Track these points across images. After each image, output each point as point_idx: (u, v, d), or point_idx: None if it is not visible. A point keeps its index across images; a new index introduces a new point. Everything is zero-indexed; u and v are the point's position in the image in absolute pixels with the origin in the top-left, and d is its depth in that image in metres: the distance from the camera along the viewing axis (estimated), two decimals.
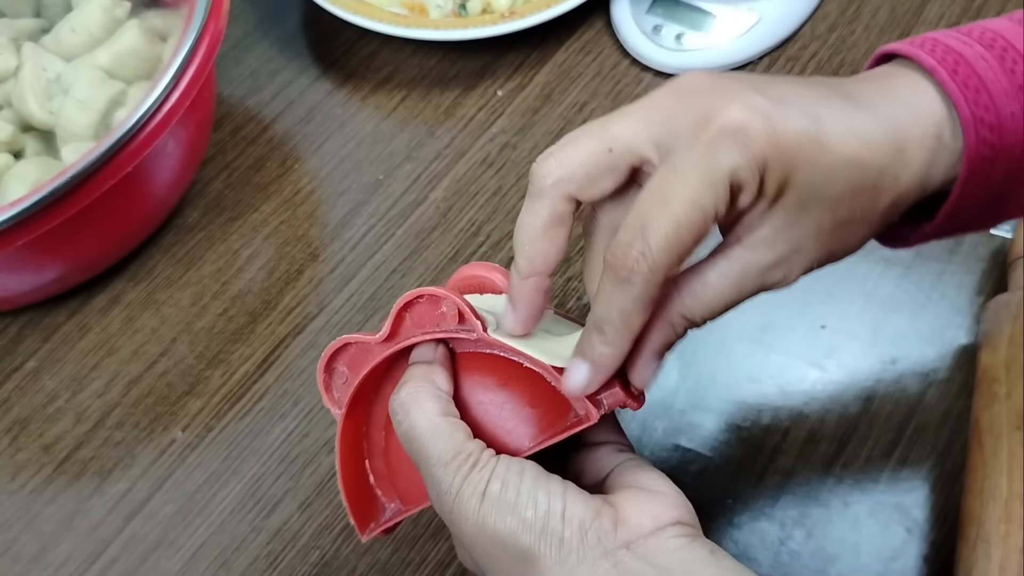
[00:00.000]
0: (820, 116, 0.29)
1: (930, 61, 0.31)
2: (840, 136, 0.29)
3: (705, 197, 0.28)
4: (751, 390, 0.49)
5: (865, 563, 0.43)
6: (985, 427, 0.43)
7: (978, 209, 0.33)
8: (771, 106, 0.29)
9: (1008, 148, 0.31)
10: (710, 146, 0.28)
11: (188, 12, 0.51)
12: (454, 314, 0.32)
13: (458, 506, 0.30)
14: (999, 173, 0.31)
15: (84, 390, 0.52)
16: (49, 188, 0.44)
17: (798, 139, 0.29)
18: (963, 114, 0.30)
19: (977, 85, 0.30)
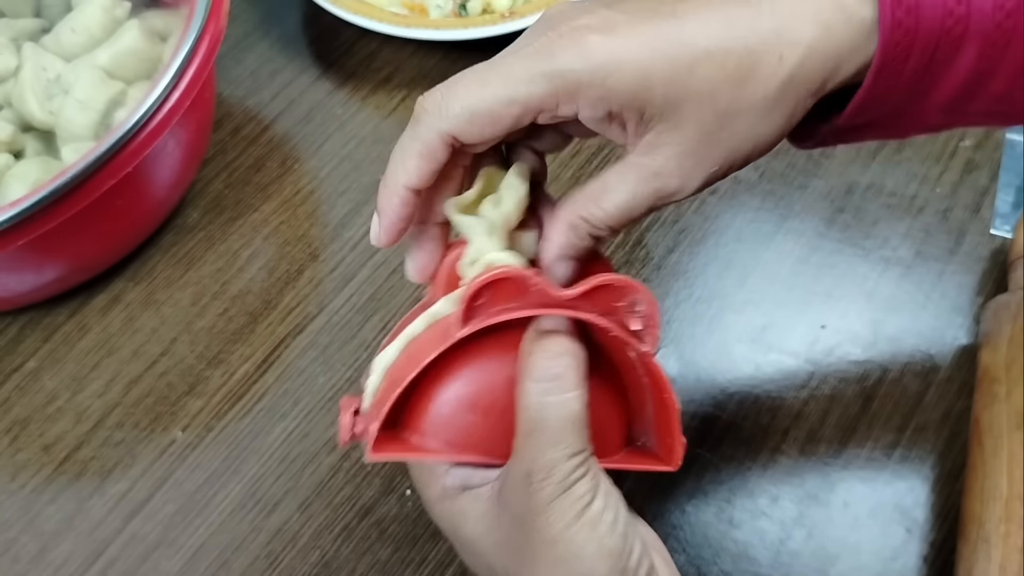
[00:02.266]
0: (674, 12, 0.30)
1: None
2: (696, 28, 0.29)
3: (517, 90, 0.30)
4: (751, 390, 0.49)
5: (865, 563, 0.43)
6: (985, 427, 0.43)
7: (895, 100, 0.31)
8: (617, 16, 0.30)
9: (929, 16, 0.29)
10: (544, 46, 0.30)
11: (188, 12, 0.51)
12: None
13: (552, 504, 0.29)
14: (920, 47, 0.29)
15: (84, 390, 0.52)
16: (49, 188, 0.44)
17: (648, 42, 0.29)
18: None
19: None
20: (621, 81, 0.29)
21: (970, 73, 0.30)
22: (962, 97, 0.31)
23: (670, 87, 0.29)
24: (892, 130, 0.33)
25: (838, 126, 0.32)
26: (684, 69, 0.29)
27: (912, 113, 0.32)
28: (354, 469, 0.48)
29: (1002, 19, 0.29)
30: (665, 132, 0.30)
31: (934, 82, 0.31)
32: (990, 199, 0.54)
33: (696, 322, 0.51)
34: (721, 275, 0.53)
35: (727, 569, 0.43)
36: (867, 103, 0.31)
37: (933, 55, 0.30)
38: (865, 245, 0.53)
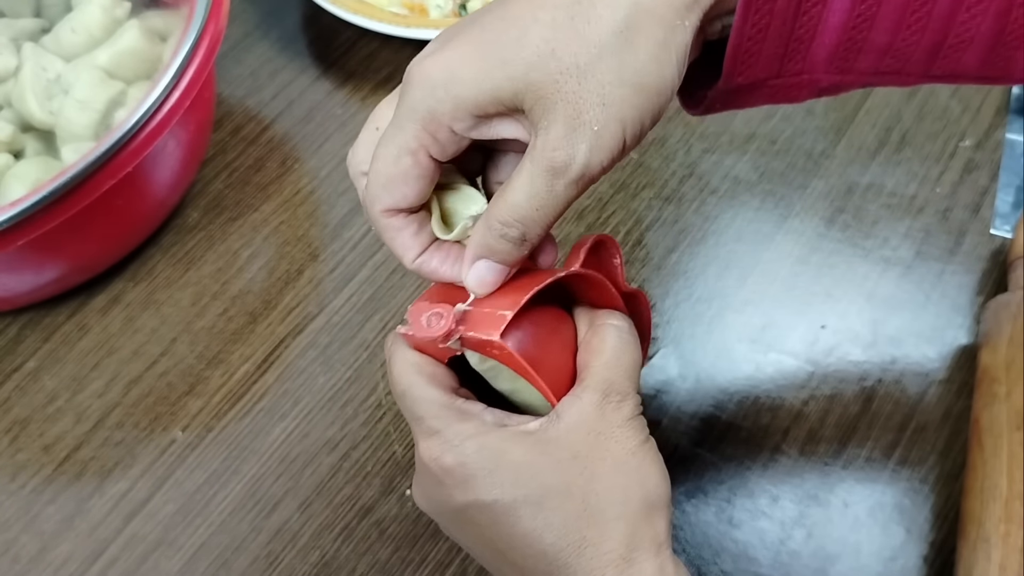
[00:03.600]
0: (503, 2, 0.30)
1: None
2: (520, 4, 0.29)
3: (402, 142, 0.31)
4: (751, 390, 0.49)
5: (865, 563, 0.43)
6: (985, 427, 0.43)
7: (774, 50, 0.30)
8: (451, 31, 0.31)
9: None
10: (402, 93, 0.31)
11: (188, 12, 0.51)
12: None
13: (629, 423, 0.32)
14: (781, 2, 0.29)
15: (84, 390, 0.52)
16: (49, 188, 0.44)
17: (477, 38, 0.30)
18: None
19: None
20: (466, 85, 0.29)
21: (847, 16, 0.29)
22: (846, 49, 0.30)
23: (508, 66, 0.29)
24: (782, 91, 0.32)
25: (724, 87, 0.31)
26: (516, 44, 0.29)
27: (796, 69, 0.31)
28: (354, 469, 0.48)
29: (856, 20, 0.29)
30: (534, 109, 0.29)
31: (812, 27, 0.30)
32: (990, 199, 0.54)
33: (696, 322, 0.51)
34: (721, 275, 0.53)
35: (727, 569, 0.43)
36: (743, 51, 0.30)
37: (788, 41, 0.30)
38: (865, 245, 0.53)
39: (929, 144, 0.56)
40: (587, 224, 0.56)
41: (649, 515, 0.31)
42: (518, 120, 0.31)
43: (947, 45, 0.30)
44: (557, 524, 0.31)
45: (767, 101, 0.33)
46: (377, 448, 0.48)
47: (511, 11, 0.30)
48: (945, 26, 0.29)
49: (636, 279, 0.53)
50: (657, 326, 0.51)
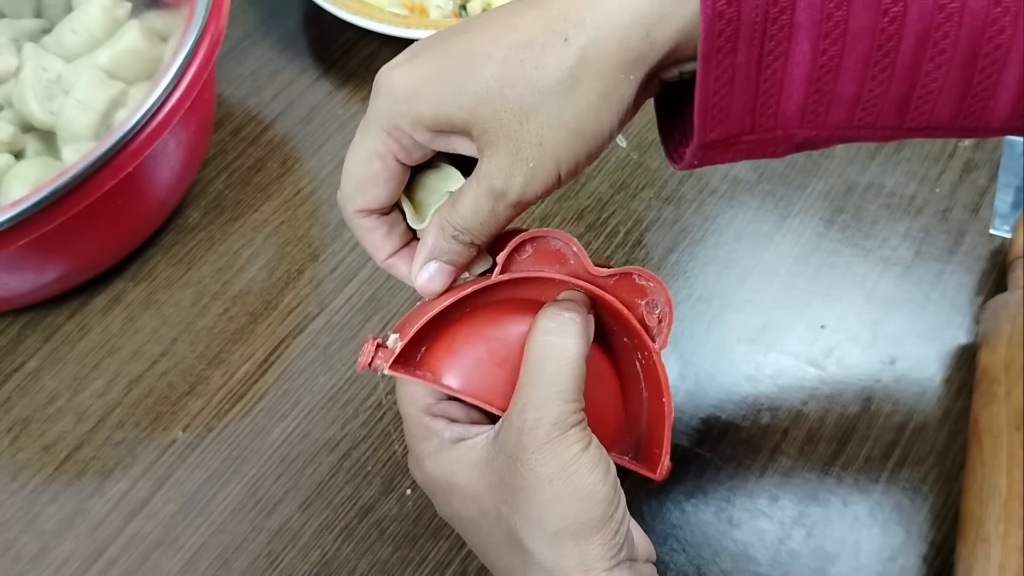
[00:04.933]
0: (467, 28, 0.32)
1: None
2: (481, 37, 0.31)
3: (370, 148, 0.33)
4: (751, 390, 0.49)
5: (865, 563, 0.43)
6: (984, 427, 0.43)
7: (742, 103, 0.30)
8: (420, 46, 0.33)
9: (749, 26, 0.29)
10: (371, 103, 0.34)
11: (188, 13, 0.51)
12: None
13: (548, 445, 0.32)
14: (746, 32, 0.29)
15: (85, 390, 0.52)
16: (50, 188, 0.44)
17: (439, 62, 0.31)
18: None
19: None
20: (424, 103, 0.31)
21: (810, 68, 0.29)
22: (815, 102, 0.30)
23: (462, 96, 0.31)
24: (759, 147, 0.32)
25: (699, 143, 0.32)
26: (470, 76, 0.31)
27: (769, 125, 0.31)
28: (354, 469, 0.48)
29: (832, 9, 0.28)
30: (480, 138, 0.31)
31: (777, 81, 0.30)
32: (989, 199, 0.54)
33: (696, 322, 0.51)
34: (721, 275, 0.53)
35: (727, 568, 0.44)
36: (711, 106, 0.30)
37: (763, 43, 0.29)
38: (864, 245, 0.53)
39: (928, 144, 0.56)
40: (587, 224, 0.56)
41: (575, 540, 0.31)
42: (470, 140, 0.32)
43: (916, 95, 0.30)
44: (493, 545, 0.33)
45: (745, 156, 0.33)
46: (377, 448, 0.49)
47: (474, 40, 0.31)
48: (911, 75, 0.30)
49: None
50: None
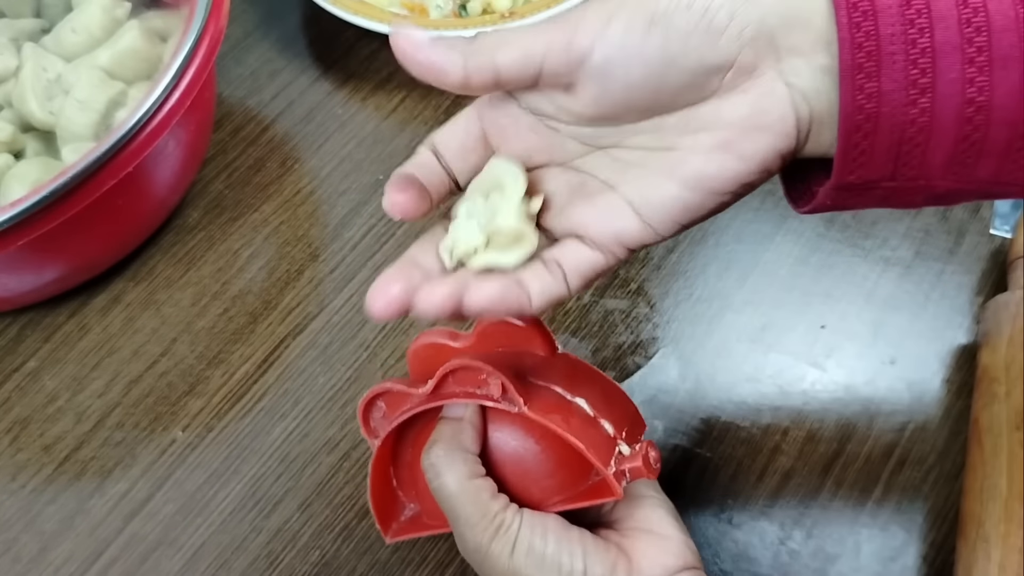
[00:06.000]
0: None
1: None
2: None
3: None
4: (751, 390, 0.49)
5: (865, 563, 0.43)
6: (984, 427, 0.43)
7: (881, 165, 0.29)
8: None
9: (889, 44, 0.27)
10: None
11: (188, 12, 0.51)
12: (497, 385, 0.34)
13: (488, 560, 0.34)
14: (886, 79, 0.27)
15: (84, 390, 0.52)
16: (49, 188, 0.44)
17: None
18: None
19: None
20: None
21: (960, 102, 0.27)
22: (964, 149, 0.28)
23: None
24: (896, 195, 0.30)
25: (835, 184, 0.29)
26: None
27: (912, 172, 0.29)
28: (354, 469, 0.48)
29: (972, 114, 0.27)
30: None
31: (926, 122, 0.28)
32: None
33: (696, 322, 0.51)
34: (721, 275, 0.53)
35: (727, 569, 0.44)
36: (853, 143, 0.28)
37: (907, 70, 0.27)
38: (864, 245, 0.53)
39: None
40: None
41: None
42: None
43: None
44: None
45: (879, 204, 0.31)
46: None
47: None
48: None
49: (636, 279, 0.53)
50: (657, 326, 0.51)
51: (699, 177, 0.29)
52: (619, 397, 0.37)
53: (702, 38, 0.28)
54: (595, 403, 0.35)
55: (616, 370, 0.50)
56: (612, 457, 0.34)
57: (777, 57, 0.28)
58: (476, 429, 0.36)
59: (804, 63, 0.28)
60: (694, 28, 0.28)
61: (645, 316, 0.52)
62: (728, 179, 0.29)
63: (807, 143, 0.29)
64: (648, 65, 0.28)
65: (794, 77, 0.28)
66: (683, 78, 0.29)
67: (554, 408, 0.34)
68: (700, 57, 0.28)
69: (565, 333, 0.51)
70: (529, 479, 0.36)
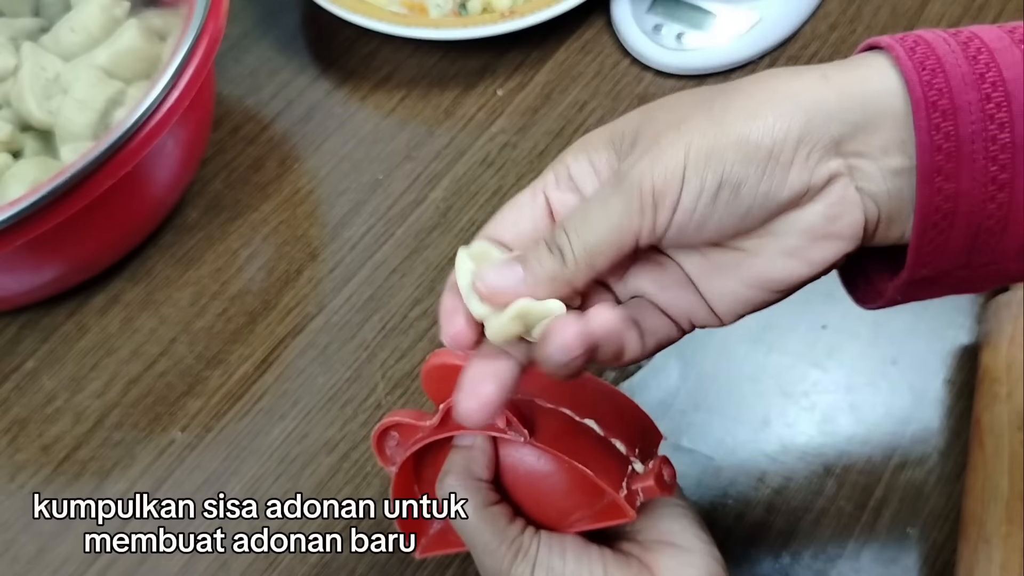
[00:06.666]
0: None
1: (893, 44, 0.28)
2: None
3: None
4: (752, 390, 0.48)
5: (865, 564, 0.43)
6: (986, 427, 0.43)
7: (955, 254, 0.28)
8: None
9: (968, 144, 0.26)
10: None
11: (187, 11, 0.51)
12: (501, 417, 0.34)
13: (513, 569, 0.33)
14: (965, 178, 0.27)
15: (83, 390, 0.52)
16: (48, 188, 0.44)
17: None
18: (913, 91, 0.27)
19: (934, 67, 0.27)
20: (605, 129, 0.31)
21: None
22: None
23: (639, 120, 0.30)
24: (967, 282, 0.29)
25: (908, 279, 0.29)
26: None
27: (985, 260, 0.28)
28: (353, 469, 0.48)
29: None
30: (636, 136, 0.30)
31: (1003, 215, 0.27)
32: None
33: None
34: None
35: None
36: (927, 240, 0.28)
37: (987, 167, 0.27)
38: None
39: None
40: None
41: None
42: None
43: None
44: None
45: (950, 292, 0.30)
46: None
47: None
48: None
49: None
50: None
51: (764, 280, 0.29)
52: (631, 411, 0.37)
53: (770, 183, 0.27)
54: (605, 422, 0.35)
55: (617, 371, 0.50)
56: (624, 478, 0.33)
57: (848, 164, 0.28)
58: (488, 456, 0.36)
59: (875, 167, 0.28)
60: (762, 177, 0.27)
61: None
62: (793, 282, 0.29)
63: (875, 238, 0.29)
64: (722, 222, 0.28)
65: (864, 182, 0.28)
66: (760, 216, 0.28)
67: (562, 434, 0.34)
68: (774, 198, 0.28)
69: None
70: (545, 501, 0.35)
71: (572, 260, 0.28)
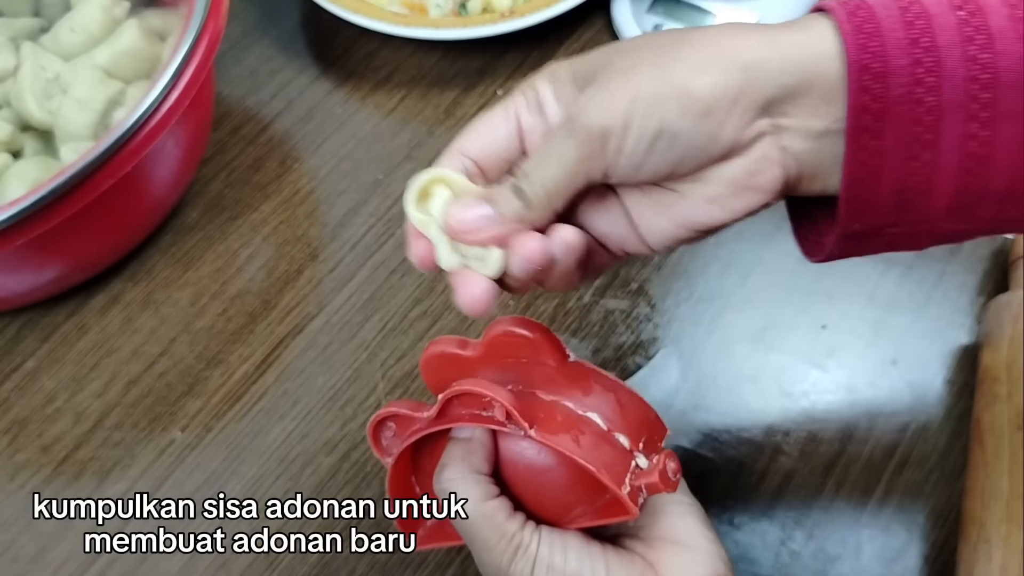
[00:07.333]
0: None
1: (836, 8, 0.30)
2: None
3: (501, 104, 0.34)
4: (752, 390, 0.48)
5: (866, 564, 0.43)
6: (986, 427, 0.43)
7: (889, 197, 0.30)
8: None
9: (896, 105, 0.28)
10: None
11: (187, 11, 0.51)
12: (501, 410, 0.33)
13: (512, 566, 0.33)
14: (891, 136, 0.29)
15: (83, 390, 0.52)
16: (48, 188, 0.44)
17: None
18: (850, 54, 0.28)
19: (871, 31, 0.28)
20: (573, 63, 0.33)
21: (961, 157, 0.28)
22: (966, 198, 0.29)
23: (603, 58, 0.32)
24: (901, 239, 0.31)
25: (843, 231, 0.31)
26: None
27: (916, 218, 0.30)
28: (353, 469, 0.48)
29: (973, 165, 0.28)
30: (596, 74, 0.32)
31: (927, 174, 0.29)
32: None
33: (696, 322, 0.51)
34: (721, 275, 0.53)
35: None
36: (855, 193, 0.30)
37: (911, 128, 0.28)
38: None
39: None
40: None
41: None
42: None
43: None
44: None
45: (886, 248, 0.32)
46: None
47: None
48: None
49: (637, 279, 0.53)
50: (658, 326, 0.51)
51: (690, 221, 0.32)
52: (635, 404, 0.36)
53: (704, 137, 0.30)
54: (609, 415, 0.34)
55: (617, 370, 0.50)
56: (628, 473, 0.33)
57: (774, 124, 0.30)
58: (487, 448, 0.35)
59: (800, 128, 0.30)
60: (697, 130, 0.29)
61: (646, 316, 0.52)
62: (714, 225, 0.32)
63: (796, 190, 0.32)
64: (656, 167, 0.31)
65: (788, 141, 0.30)
66: (690, 166, 0.31)
67: (564, 427, 0.33)
68: (704, 151, 0.30)
69: (566, 333, 0.51)
70: (545, 495, 0.35)
71: (535, 203, 0.31)
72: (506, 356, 0.36)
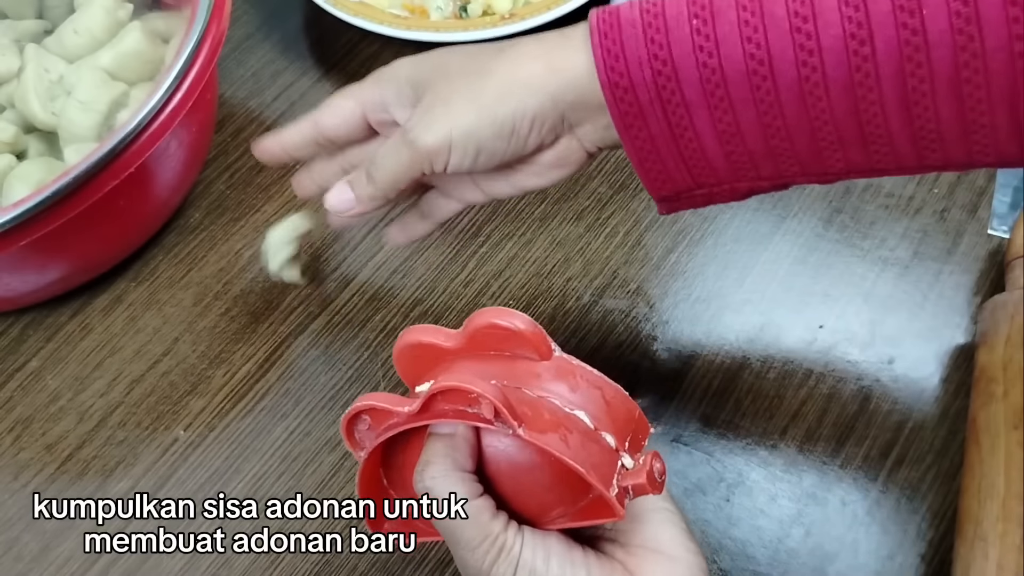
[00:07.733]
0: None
1: (594, 30, 0.36)
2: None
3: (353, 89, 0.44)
4: (749, 390, 0.49)
5: (863, 562, 0.43)
6: (982, 426, 0.43)
7: (675, 165, 0.37)
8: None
9: (648, 106, 0.35)
10: None
11: (190, 14, 0.51)
12: (490, 407, 0.32)
13: (494, 568, 0.32)
14: (653, 127, 0.36)
15: (86, 389, 0.52)
16: (52, 189, 0.44)
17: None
18: (600, 77, 0.35)
19: (618, 52, 0.35)
20: (407, 68, 0.42)
21: (717, 135, 0.35)
22: (736, 162, 0.36)
23: (427, 68, 0.41)
24: (714, 196, 0.38)
25: (656, 197, 0.39)
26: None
27: (711, 180, 0.37)
28: (355, 468, 0.48)
29: (713, 87, 0.34)
30: (419, 92, 0.40)
31: (697, 148, 0.36)
32: (987, 199, 0.54)
33: (695, 322, 0.51)
34: (719, 275, 0.53)
35: (725, 567, 0.44)
36: (647, 168, 0.37)
37: (668, 118, 0.35)
38: (863, 245, 0.53)
39: None
40: (586, 224, 0.56)
41: None
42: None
43: (823, 146, 0.35)
44: None
45: (707, 203, 0.39)
46: None
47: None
48: (809, 131, 0.34)
49: (635, 279, 0.53)
50: (656, 326, 0.51)
51: (523, 187, 0.42)
52: (621, 401, 0.35)
53: (515, 149, 0.38)
54: (595, 413, 0.33)
55: (615, 370, 0.50)
56: (615, 474, 0.32)
57: (569, 125, 0.38)
58: (470, 445, 0.34)
59: (590, 126, 0.38)
60: (508, 145, 0.38)
61: (644, 316, 0.52)
62: (543, 187, 0.41)
63: (599, 155, 0.41)
64: (484, 168, 0.39)
65: (583, 136, 0.39)
66: (511, 163, 0.40)
67: (552, 425, 0.32)
68: (517, 155, 0.39)
69: (564, 333, 0.52)
70: (526, 493, 0.34)
71: (381, 187, 0.41)
72: (488, 348, 0.35)
